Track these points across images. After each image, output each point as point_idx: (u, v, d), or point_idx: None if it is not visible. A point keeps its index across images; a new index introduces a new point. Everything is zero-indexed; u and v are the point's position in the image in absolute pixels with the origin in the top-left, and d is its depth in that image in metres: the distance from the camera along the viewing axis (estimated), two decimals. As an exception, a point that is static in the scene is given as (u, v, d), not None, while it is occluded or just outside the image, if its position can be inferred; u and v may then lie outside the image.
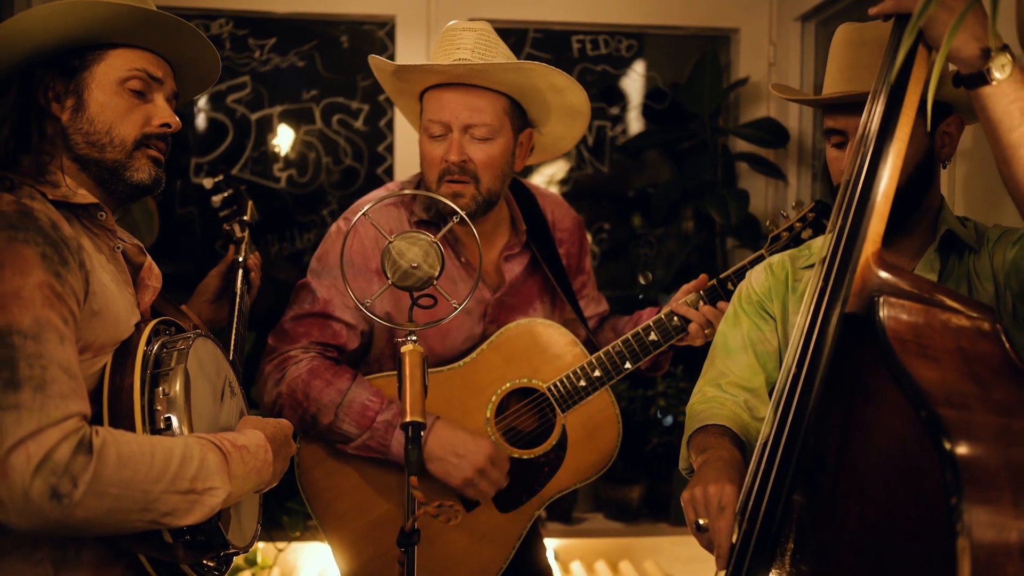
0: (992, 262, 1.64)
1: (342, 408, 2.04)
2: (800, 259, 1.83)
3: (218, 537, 1.45)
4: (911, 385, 1.20)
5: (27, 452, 1.23)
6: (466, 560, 2.13)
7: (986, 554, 1.08)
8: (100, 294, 1.44)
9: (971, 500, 1.09)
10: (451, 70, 2.01)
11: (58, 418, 1.27)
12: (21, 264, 1.33)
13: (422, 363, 1.54)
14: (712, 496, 1.49)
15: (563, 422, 2.16)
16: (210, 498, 1.38)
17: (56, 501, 1.23)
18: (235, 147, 3.21)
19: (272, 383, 2.08)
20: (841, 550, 1.31)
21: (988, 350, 1.29)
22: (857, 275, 1.34)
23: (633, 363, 2.14)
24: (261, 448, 1.52)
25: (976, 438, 1.14)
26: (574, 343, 2.17)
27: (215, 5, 3.07)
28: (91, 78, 1.52)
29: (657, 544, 3.17)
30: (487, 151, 2.06)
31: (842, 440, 1.33)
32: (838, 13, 3.00)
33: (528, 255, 2.28)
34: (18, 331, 1.29)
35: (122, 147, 1.54)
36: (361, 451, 2.07)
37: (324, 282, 2.12)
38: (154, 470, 1.32)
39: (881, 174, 1.34)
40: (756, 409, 1.77)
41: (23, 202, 1.41)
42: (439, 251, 1.55)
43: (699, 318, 2.12)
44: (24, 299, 1.31)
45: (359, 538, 2.12)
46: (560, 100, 2.12)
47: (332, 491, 2.13)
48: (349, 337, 2.12)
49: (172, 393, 1.45)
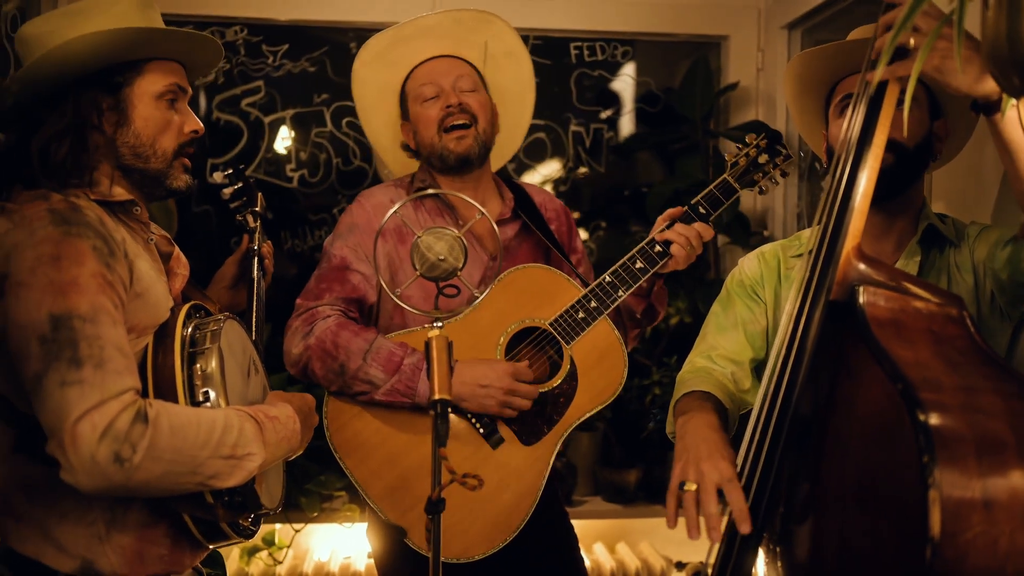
0: (973, 256, 1.76)
1: (370, 353, 2.16)
2: (791, 248, 1.97)
3: (253, 498, 1.59)
4: (889, 362, 1.34)
5: (92, 422, 1.37)
6: (499, 495, 2.21)
7: (954, 505, 1.21)
8: (142, 280, 1.57)
9: (941, 460, 1.22)
10: (426, 20, 2.36)
11: (117, 391, 1.41)
12: (77, 255, 1.46)
13: (447, 347, 1.69)
14: (708, 472, 1.57)
15: (570, 353, 2.26)
16: (248, 462, 1.53)
17: (118, 465, 1.37)
18: (249, 148, 3.34)
19: (300, 336, 2.22)
20: (826, 510, 1.45)
21: (955, 332, 1.43)
22: (840, 267, 1.49)
23: (625, 290, 2.24)
24: (290, 419, 1.66)
25: (945, 408, 1.28)
26: (568, 281, 2.29)
27: (230, 13, 3.20)
28: (133, 94, 1.64)
29: (653, 526, 3.29)
30: (477, 98, 2.35)
31: (827, 411, 1.48)
32: (822, 22, 3.15)
33: (519, 222, 2.43)
34: (78, 315, 1.43)
35: (164, 158, 1.68)
36: (389, 396, 2.18)
37: (337, 243, 2.32)
38: (200, 437, 1.46)
39: (860, 177, 1.49)
40: (741, 382, 1.91)
41: (72, 200, 1.54)
42: (463, 245, 1.70)
43: (679, 239, 2.20)
44: (81, 287, 1.44)
45: (392, 490, 2.22)
46: (501, 48, 2.45)
47: (362, 449, 2.23)
48: (367, 288, 2.29)
49: (209, 370, 1.59)
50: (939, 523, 1.21)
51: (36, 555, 1.55)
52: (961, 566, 1.22)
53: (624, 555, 3.23)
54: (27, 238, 1.47)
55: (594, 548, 3.29)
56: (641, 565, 3.15)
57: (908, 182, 1.78)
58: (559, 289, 2.30)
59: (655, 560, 3.19)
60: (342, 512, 2.98)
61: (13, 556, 1.57)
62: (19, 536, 1.56)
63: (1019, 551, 1.23)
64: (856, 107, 1.56)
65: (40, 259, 1.44)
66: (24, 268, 1.44)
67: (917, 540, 1.23)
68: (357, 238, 2.31)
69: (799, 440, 1.52)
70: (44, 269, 1.44)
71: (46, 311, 1.42)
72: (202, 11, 3.14)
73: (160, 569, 1.62)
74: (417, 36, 2.39)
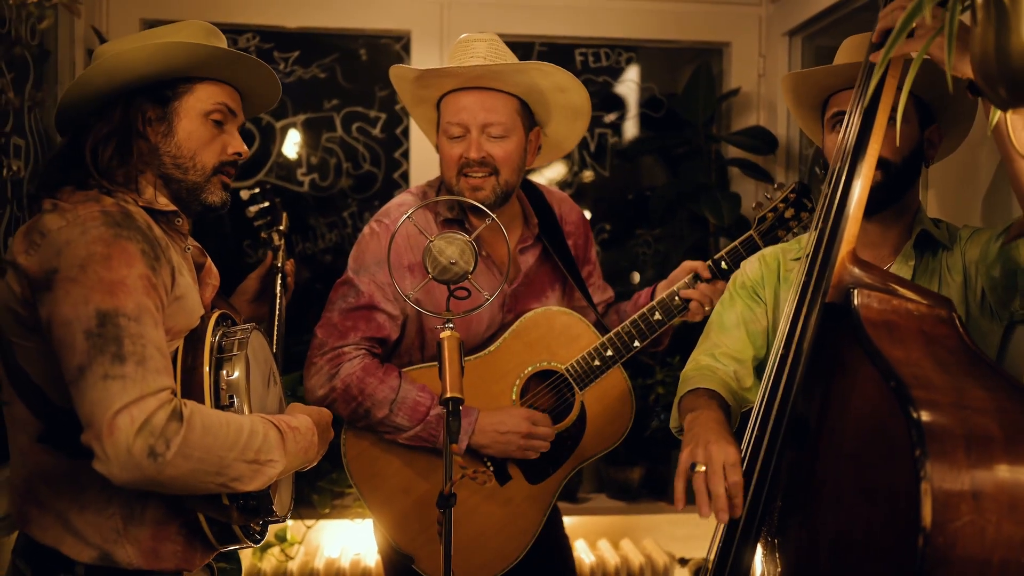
0: (964, 258, 1.81)
1: (396, 404, 2.24)
2: (791, 252, 2.02)
3: (267, 504, 1.66)
4: (882, 362, 1.41)
5: (131, 415, 1.43)
6: (502, 530, 2.33)
7: (944, 496, 1.28)
8: (181, 285, 1.64)
9: (932, 454, 1.29)
10: (468, 72, 2.21)
11: (155, 389, 1.47)
12: (126, 257, 1.53)
13: (459, 347, 1.75)
14: (715, 454, 1.60)
15: (581, 399, 2.36)
16: (270, 469, 1.59)
17: (152, 459, 1.43)
18: (262, 153, 3.40)
19: (326, 377, 2.26)
20: (822, 503, 1.51)
21: (945, 333, 1.50)
22: (835, 271, 1.56)
23: (641, 341, 2.33)
24: (310, 431, 1.72)
25: (936, 405, 1.34)
26: (587, 327, 2.37)
27: (243, 20, 3.25)
28: (181, 108, 1.72)
29: (656, 522, 3.34)
30: (504, 147, 2.26)
31: (823, 408, 1.55)
32: (822, 29, 3.21)
33: (540, 247, 2.47)
34: (124, 314, 1.49)
35: (202, 171, 1.74)
36: (413, 441, 2.27)
37: (364, 278, 2.31)
38: (229, 439, 1.52)
39: (855, 185, 1.56)
40: (743, 379, 1.97)
41: (123, 205, 1.62)
42: (474, 249, 1.76)
43: (699, 296, 2.31)
44: (128, 287, 1.51)
45: (404, 517, 2.31)
46: (564, 100, 2.32)
47: (377, 476, 2.32)
48: (392, 328, 2.32)
49: (234, 376, 1.65)
50: (930, 513, 1.28)
51: (55, 544, 1.61)
52: (950, 553, 1.28)
53: (628, 551, 3.28)
54: (80, 236, 1.53)
55: (599, 544, 3.34)
56: (645, 561, 3.21)
57: (899, 194, 1.83)
58: (577, 333, 2.37)
59: (659, 556, 3.24)
60: (353, 509, 3.04)
61: (31, 546, 1.64)
62: (40, 524, 1.62)
63: (1005, 539, 1.29)
64: (851, 118, 1.62)
65: (92, 257, 1.51)
66: (75, 264, 1.51)
67: (909, 529, 1.29)
68: (383, 276, 2.28)
69: (796, 436, 1.59)
70: (95, 267, 1.50)
71: (94, 307, 1.48)
72: (215, 18, 3.16)
73: (174, 565, 1.68)
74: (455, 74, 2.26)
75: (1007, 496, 1.30)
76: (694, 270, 2.35)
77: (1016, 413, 1.36)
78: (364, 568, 3.11)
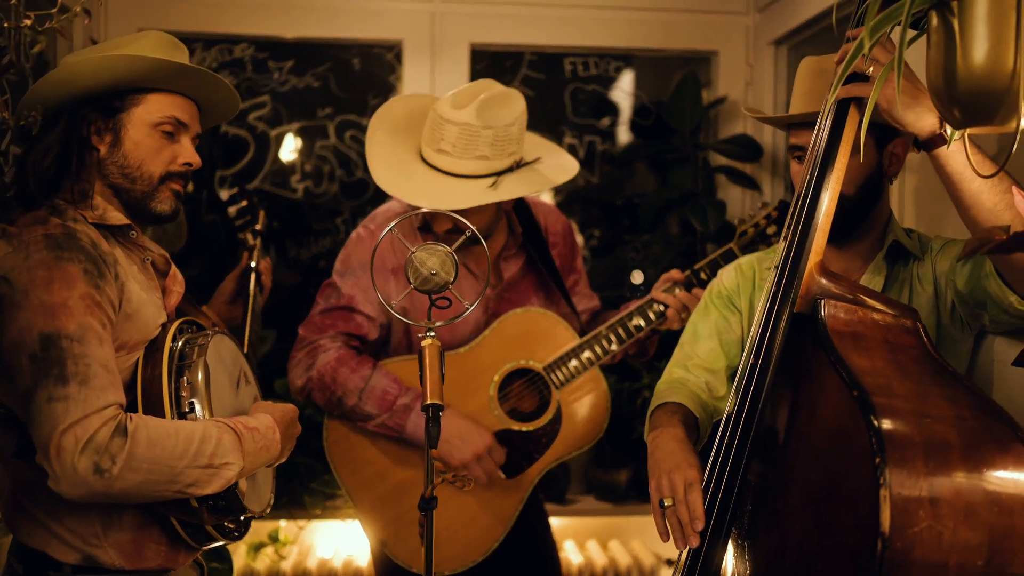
0: (935, 269, 1.84)
1: (365, 392, 2.31)
2: (766, 260, 2.05)
3: (236, 502, 1.69)
4: (846, 371, 1.45)
5: (75, 435, 1.47)
6: (474, 522, 2.38)
7: (902, 502, 1.31)
8: (132, 300, 1.67)
9: (891, 461, 1.32)
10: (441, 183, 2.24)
11: (99, 407, 1.51)
12: (67, 279, 1.56)
13: (439, 355, 1.79)
14: (677, 481, 1.69)
15: (558, 398, 2.41)
16: (226, 471, 1.62)
17: (99, 475, 1.48)
18: (256, 161, 3.45)
19: (303, 368, 2.35)
20: (789, 506, 1.55)
21: (910, 342, 1.54)
22: (803, 281, 1.60)
23: (619, 344, 2.39)
24: (270, 429, 1.74)
25: (896, 413, 1.38)
26: (566, 328, 2.43)
27: (238, 31, 3.29)
28: (128, 119, 1.73)
29: (644, 524, 3.36)
30: (480, 218, 2.30)
31: (791, 415, 1.59)
32: (808, 39, 3.24)
33: (524, 256, 2.53)
34: (66, 335, 1.53)
35: (149, 181, 1.76)
36: (380, 429, 2.34)
37: (348, 281, 2.39)
38: (178, 449, 1.56)
39: (822, 199, 1.61)
40: (716, 389, 2.01)
41: (68, 225, 1.64)
42: (454, 260, 1.80)
43: (676, 304, 2.37)
44: (70, 308, 1.55)
45: (380, 501, 2.38)
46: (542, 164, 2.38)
47: (356, 462, 2.39)
48: (370, 328, 2.40)
49: (195, 382, 1.69)
50: (889, 519, 1.31)
51: (42, 547, 1.66)
52: (909, 557, 1.32)
53: (616, 552, 3.33)
54: (22, 262, 1.57)
55: (587, 545, 3.39)
56: (632, 562, 3.26)
57: (862, 217, 1.86)
58: (556, 334, 2.43)
59: (646, 557, 3.29)
60: (344, 510, 3.09)
61: (23, 548, 1.69)
62: (27, 530, 1.67)
63: (961, 544, 1.33)
64: (820, 129, 1.67)
65: (33, 282, 1.55)
66: (19, 290, 1.55)
67: (869, 534, 1.32)
68: (367, 280, 2.34)
69: (765, 443, 1.63)
70: (37, 291, 1.54)
71: (37, 331, 1.53)
72: (210, 28, 3.24)
73: (156, 564, 1.72)
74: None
75: (963, 502, 1.34)
76: (672, 280, 2.42)
77: (974, 421, 1.40)
78: (356, 569, 3.16)
